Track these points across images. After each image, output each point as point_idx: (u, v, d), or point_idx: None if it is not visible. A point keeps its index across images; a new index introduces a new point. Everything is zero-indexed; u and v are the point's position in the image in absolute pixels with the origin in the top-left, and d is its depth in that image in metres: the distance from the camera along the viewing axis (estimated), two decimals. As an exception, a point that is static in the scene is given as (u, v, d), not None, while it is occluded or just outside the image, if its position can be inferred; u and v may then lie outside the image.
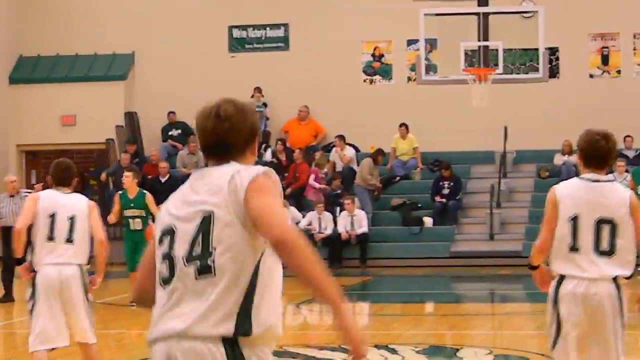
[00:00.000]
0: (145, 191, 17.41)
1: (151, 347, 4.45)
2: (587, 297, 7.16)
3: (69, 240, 10.19)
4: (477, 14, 23.53)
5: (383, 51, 28.31)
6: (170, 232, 4.31)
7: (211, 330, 4.21)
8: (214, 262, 4.20)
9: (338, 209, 25.86)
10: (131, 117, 29.62)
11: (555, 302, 7.18)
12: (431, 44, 24.23)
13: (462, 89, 23.61)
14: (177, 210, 4.35)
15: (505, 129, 25.37)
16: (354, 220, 25.32)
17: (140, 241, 16.67)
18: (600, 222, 7.23)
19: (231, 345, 4.23)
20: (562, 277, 7.23)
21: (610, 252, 7.21)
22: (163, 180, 26.98)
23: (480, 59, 23.46)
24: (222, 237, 4.20)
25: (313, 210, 24.73)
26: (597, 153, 7.21)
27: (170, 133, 29.39)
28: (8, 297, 18.81)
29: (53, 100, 29.15)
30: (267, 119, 27.05)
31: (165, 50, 29.35)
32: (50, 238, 10.13)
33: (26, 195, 18.57)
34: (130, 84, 30.02)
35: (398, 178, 27.19)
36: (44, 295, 10.08)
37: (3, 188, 20.66)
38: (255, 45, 29.72)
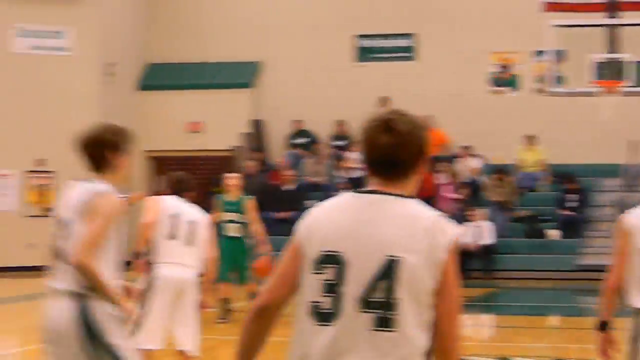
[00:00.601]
0: (248, 196, 16.37)
1: None
2: None
3: (190, 242, 10.20)
4: (607, 25, 24.23)
5: (510, 62, 28.18)
6: (336, 262, 3.89)
7: None
8: (396, 316, 3.86)
9: (463, 219, 25.73)
10: (257, 125, 29.83)
11: (636, 339, 6.70)
12: (559, 55, 24.11)
13: (588, 101, 23.83)
14: (345, 233, 3.93)
15: (634, 142, 25.28)
16: (479, 231, 25.38)
17: (237, 251, 15.89)
18: None
19: None
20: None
21: None
22: (288, 188, 27.30)
23: (609, 71, 23.52)
24: (409, 290, 3.83)
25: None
26: None
27: (295, 141, 29.48)
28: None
29: (180, 107, 29.46)
30: (392, 128, 27.21)
31: (291, 59, 29.50)
32: (172, 237, 10.15)
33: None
34: (256, 92, 30.13)
35: (524, 190, 27.07)
36: (160, 294, 10.07)
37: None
38: (382, 55, 29.59)
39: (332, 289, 3.84)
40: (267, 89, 29.94)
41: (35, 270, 24.57)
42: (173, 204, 10.37)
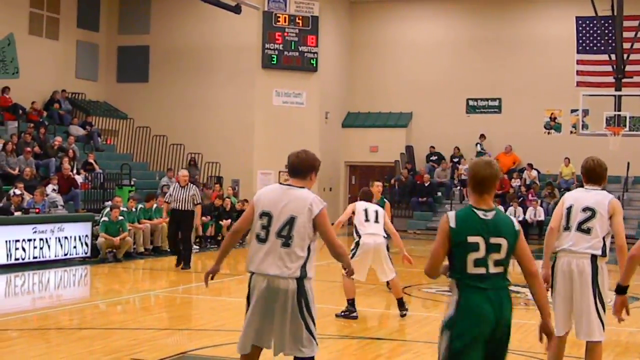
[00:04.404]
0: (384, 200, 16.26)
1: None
2: None
3: (377, 221, 13.02)
4: (614, 95, 30.78)
5: (556, 115, 34.92)
6: (268, 215, 6.92)
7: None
8: (292, 241, 6.77)
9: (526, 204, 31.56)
10: (409, 149, 35.60)
11: None
12: (585, 112, 30.80)
13: (602, 139, 29.60)
14: (273, 203, 6.94)
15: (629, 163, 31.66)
16: (536, 211, 31.00)
17: None
18: None
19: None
20: None
21: None
22: (426, 184, 33.09)
23: (615, 122, 30.07)
24: (299, 230, 6.74)
25: None
26: None
27: (430, 158, 35.36)
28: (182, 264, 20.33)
29: (366, 137, 36.25)
30: None
31: (430, 110, 35.95)
32: (367, 219, 13.11)
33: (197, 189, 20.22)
34: (409, 130, 36.36)
35: (563, 189, 31.85)
36: (363, 253, 12.84)
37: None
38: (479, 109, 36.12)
39: (266, 228, 6.77)
40: (415, 128, 37.27)
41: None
42: (363, 204, 13.22)
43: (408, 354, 10.92)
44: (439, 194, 35.02)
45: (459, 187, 35.45)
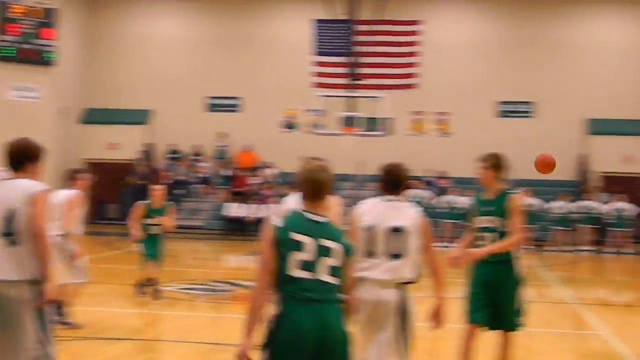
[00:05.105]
0: (170, 203, 16.43)
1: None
2: None
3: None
4: (348, 96, 31.49)
5: (293, 114, 35.10)
6: None
7: None
8: (17, 238, 6.11)
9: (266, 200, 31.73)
10: (149, 145, 35.44)
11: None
12: (322, 112, 30.58)
13: (335, 137, 30.48)
14: None
15: (361, 162, 32.24)
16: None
17: (156, 245, 15.73)
18: None
19: None
20: None
21: None
22: (166, 182, 31.45)
23: (348, 122, 30.66)
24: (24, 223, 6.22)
25: None
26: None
27: (171, 155, 35.27)
28: None
29: (106, 134, 35.72)
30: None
31: (171, 108, 36.10)
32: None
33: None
34: (150, 127, 36.44)
35: None
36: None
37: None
38: (221, 108, 36.77)
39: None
40: (156, 125, 37.10)
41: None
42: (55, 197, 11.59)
43: (151, 353, 10.97)
44: (183, 191, 35.19)
45: (199, 185, 35.65)
